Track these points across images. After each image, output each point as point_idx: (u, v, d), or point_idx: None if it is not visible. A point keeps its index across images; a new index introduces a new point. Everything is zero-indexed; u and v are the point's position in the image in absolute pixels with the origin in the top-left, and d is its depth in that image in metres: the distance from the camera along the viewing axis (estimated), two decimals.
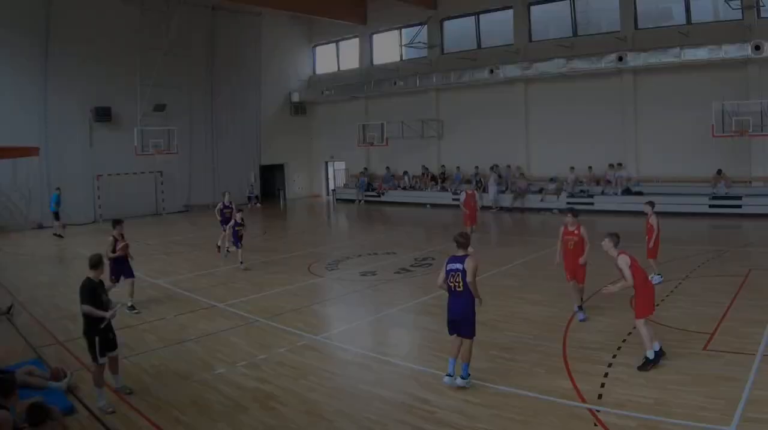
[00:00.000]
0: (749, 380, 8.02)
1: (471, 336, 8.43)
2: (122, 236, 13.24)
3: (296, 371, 9.33)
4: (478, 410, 7.73)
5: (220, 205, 20.39)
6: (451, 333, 8.55)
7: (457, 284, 8.26)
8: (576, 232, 11.38)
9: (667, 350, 8.98)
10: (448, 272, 8.39)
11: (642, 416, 7.18)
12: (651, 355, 8.63)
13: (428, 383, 8.65)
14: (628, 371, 8.70)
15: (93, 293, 8.17)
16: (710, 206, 24.99)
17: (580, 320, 11.13)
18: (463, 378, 8.32)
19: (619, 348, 9.67)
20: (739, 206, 24.41)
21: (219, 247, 20.25)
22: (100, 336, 8.14)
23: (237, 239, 18.19)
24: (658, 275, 13.64)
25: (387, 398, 8.22)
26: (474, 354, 9.48)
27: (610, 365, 8.93)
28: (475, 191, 20.05)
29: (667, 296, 12.72)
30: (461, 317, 8.34)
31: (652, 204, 14.08)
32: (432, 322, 11.49)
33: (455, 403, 7.93)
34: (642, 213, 14.49)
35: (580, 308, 11.40)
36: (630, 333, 10.08)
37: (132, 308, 13.05)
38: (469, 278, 8.21)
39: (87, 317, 8.13)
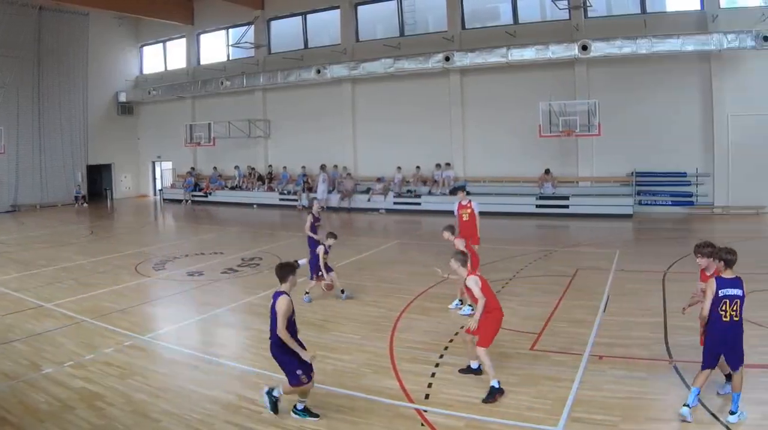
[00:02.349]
0: (576, 380, 8.07)
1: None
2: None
3: (123, 371, 9.10)
4: None
5: (310, 220, 13.55)
6: (714, 365, 7.14)
7: (734, 313, 6.96)
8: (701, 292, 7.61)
9: (495, 351, 8.83)
10: (721, 298, 6.98)
11: (469, 416, 7.17)
12: (496, 384, 7.87)
13: (255, 383, 8.39)
14: (455, 371, 8.63)
15: None
16: (537, 206, 25.26)
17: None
18: (733, 412, 6.93)
19: (446, 348, 9.59)
20: (567, 206, 24.84)
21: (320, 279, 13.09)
22: None
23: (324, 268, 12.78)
24: (469, 306, 11.25)
25: (214, 398, 8.03)
26: None
27: (437, 365, 8.87)
28: (471, 202, 13.37)
29: None
30: (738, 347, 7.06)
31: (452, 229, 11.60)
32: (259, 322, 11.23)
33: (282, 404, 7.62)
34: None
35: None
36: (457, 333, 10.07)
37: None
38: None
39: None
